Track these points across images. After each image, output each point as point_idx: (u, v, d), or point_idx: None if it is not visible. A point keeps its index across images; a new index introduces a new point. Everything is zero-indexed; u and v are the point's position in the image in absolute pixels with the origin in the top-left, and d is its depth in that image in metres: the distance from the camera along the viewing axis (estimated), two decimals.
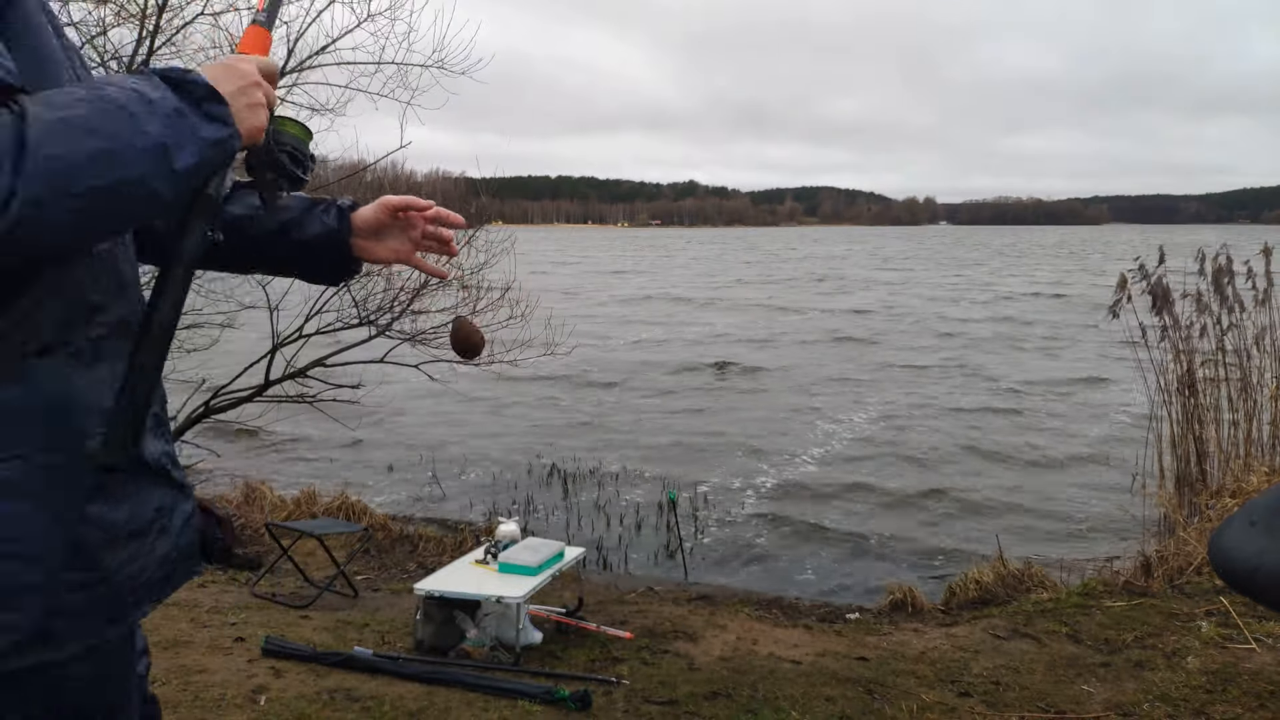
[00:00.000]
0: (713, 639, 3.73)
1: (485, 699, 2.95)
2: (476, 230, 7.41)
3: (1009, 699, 3.15)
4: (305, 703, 2.86)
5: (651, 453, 9.66)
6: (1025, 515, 7.56)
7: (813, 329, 21.26)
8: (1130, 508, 7.30)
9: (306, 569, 4.92)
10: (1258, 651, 3.47)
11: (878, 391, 13.27)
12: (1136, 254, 6.62)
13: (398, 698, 2.93)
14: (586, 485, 8.47)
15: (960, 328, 21.19)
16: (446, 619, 3.48)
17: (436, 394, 9.73)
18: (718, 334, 20.52)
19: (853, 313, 25.06)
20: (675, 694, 3.09)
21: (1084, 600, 4.27)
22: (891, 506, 7.80)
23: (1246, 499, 4.45)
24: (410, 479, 8.71)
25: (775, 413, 11.83)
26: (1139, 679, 3.29)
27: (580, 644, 3.60)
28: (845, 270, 47.30)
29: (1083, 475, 8.72)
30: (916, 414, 11.59)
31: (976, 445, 9.99)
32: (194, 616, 3.67)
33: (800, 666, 3.42)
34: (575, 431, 10.73)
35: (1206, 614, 3.87)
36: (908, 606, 4.75)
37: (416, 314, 7.22)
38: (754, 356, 16.94)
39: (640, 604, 4.41)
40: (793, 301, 28.89)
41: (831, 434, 10.54)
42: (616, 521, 7.38)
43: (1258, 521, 0.82)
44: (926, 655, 3.60)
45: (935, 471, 8.90)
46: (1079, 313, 23.57)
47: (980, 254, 68.97)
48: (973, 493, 8.24)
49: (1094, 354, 16.69)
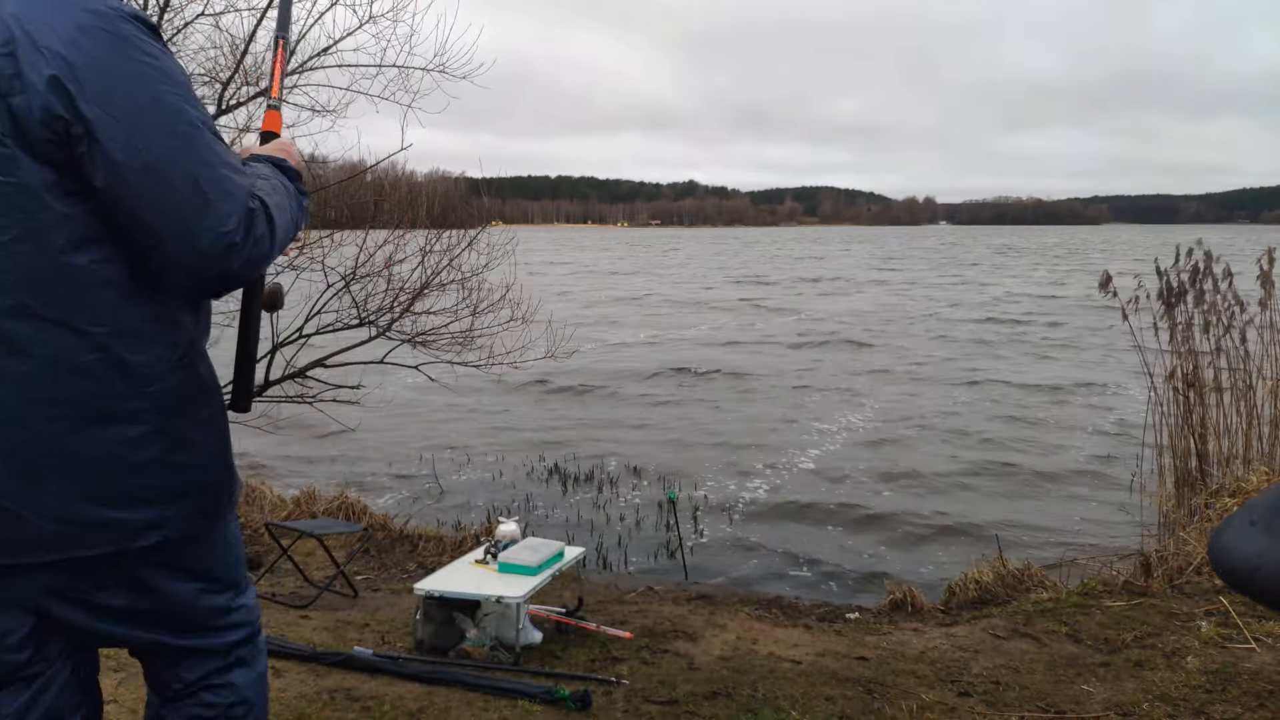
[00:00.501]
0: (713, 639, 3.73)
1: (485, 699, 2.96)
2: (479, 232, 7.42)
3: (1009, 699, 3.16)
4: (305, 702, 2.86)
5: (651, 453, 9.67)
6: (1025, 515, 7.56)
7: (810, 328, 21.27)
8: (1130, 508, 7.30)
9: (306, 569, 4.92)
10: (1257, 651, 3.47)
11: (876, 392, 13.28)
12: (1136, 254, 6.64)
13: (398, 698, 2.93)
14: (586, 485, 8.47)
15: (958, 328, 21.20)
16: (446, 619, 3.48)
17: (436, 394, 9.73)
18: (718, 334, 20.53)
19: (851, 312, 25.07)
20: (675, 694, 3.09)
21: (1084, 600, 4.27)
22: (890, 506, 7.80)
23: (1246, 499, 4.45)
24: (410, 479, 8.72)
25: (775, 413, 11.83)
26: (1139, 679, 3.29)
27: (580, 644, 3.61)
28: (843, 271, 47.32)
29: (1082, 475, 8.73)
30: (915, 414, 11.59)
31: (976, 445, 10.00)
32: None
33: (800, 666, 3.42)
34: (575, 431, 10.73)
35: (1206, 614, 3.87)
36: (907, 606, 4.75)
37: (416, 315, 7.22)
38: (753, 357, 16.95)
39: (640, 604, 4.41)
40: (789, 301, 28.91)
41: (830, 434, 10.54)
42: (616, 521, 7.38)
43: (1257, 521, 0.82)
44: (926, 655, 3.60)
45: (935, 471, 8.90)
46: (1079, 313, 23.58)
47: (978, 254, 68.99)
48: (972, 493, 8.25)
49: (1093, 354, 16.71)
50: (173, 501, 1.43)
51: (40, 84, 1.25)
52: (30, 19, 1.27)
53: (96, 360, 1.34)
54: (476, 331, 7.24)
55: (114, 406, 1.36)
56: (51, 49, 1.26)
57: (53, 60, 1.26)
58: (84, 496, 1.35)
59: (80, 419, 1.34)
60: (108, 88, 1.28)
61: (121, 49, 1.30)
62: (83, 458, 1.35)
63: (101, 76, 1.27)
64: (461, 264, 7.25)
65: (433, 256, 7.30)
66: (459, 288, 7.16)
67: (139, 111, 1.29)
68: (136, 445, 1.38)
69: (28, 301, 1.29)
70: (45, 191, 1.28)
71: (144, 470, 1.39)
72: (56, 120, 1.26)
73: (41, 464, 1.33)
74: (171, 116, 1.32)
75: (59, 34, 1.27)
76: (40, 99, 1.25)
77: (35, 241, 1.29)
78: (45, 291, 1.30)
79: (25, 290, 1.29)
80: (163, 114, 1.32)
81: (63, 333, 1.31)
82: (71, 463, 1.34)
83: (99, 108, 1.26)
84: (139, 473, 1.39)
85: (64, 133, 1.26)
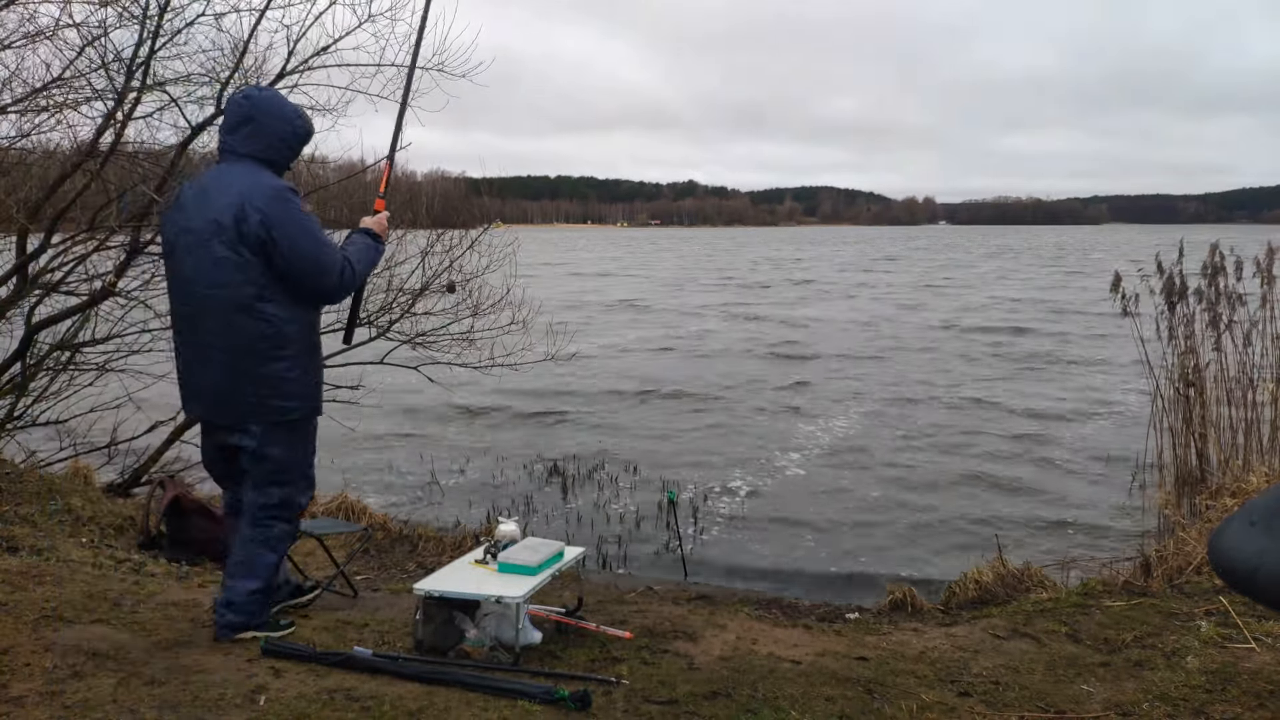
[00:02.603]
0: (712, 639, 3.73)
1: (485, 699, 2.95)
2: (482, 232, 7.41)
3: (1009, 699, 3.16)
4: (305, 703, 2.86)
5: (651, 453, 9.67)
6: (1025, 515, 7.56)
7: (808, 328, 21.27)
8: (1130, 507, 7.31)
9: (306, 569, 4.91)
10: (1257, 651, 3.47)
11: (876, 392, 13.28)
12: (1136, 254, 6.66)
13: (397, 698, 2.93)
14: (586, 485, 8.48)
15: (956, 326, 21.20)
16: (446, 619, 3.48)
17: (436, 395, 9.73)
18: (715, 334, 20.52)
19: (850, 312, 25.07)
20: (675, 694, 3.09)
21: (1084, 600, 4.27)
22: (890, 506, 7.80)
23: (1246, 499, 4.45)
24: (410, 479, 8.72)
25: (775, 413, 11.83)
26: (1138, 679, 3.29)
27: (580, 644, 3.60)
28: (841, 270, 47.30)
29: (1082, 475, 8.73)
30: (915, 415, 11.60)
31: (976, 445, 10.00)
32: (193, 616, 3.66)
33: (800, 666, 3.42)
34: (575, 432, 10.73)
35: (1206, 614, 3.87)
36: (907, 606, 4.75)
37: (416, 316, 7.22)
38: (753, 358, 16.94)
39: (640, 604, 4.40)
40: (786, 303, 28.90)
41: (831, 434, 10.55)
42: (616, 521, 7.38)
43: (1257, 522, 0.82)
44: (926, 655, 3.60)
45: (934, 471, 8.90)
46: (1080, 313, 23.59)
47: (976, 253, 68.98)
48: (972, 492, 8.25)
49: (1094, 354, 16.70)
50: (300, 399, 3.28)
51: (255, 220, 3.08)
52: (248, 191, 3.11)
53: (270, 329, 3.16)
54: (476, 333, 7.25)
55: (275, 349, 3.18)
56: (256, 204, 3.09)
57: (258, 209, 3.09)
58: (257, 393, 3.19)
59: (264, 357, 3.17)
60: (281, 222, 3.10)
61: (286, 204, 3.13)
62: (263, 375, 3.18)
63: (279, 217, 3.10)
64: (463, 265, 7.25)
65: (434, 257, 7.30)
66: (461, 288, 7.17)
67: (292, 232, 3.13)
68: (283, 369, 3.21)
69: (247, 305, 3.12)
70: (256, 264, 3.12)
71: (285, 382, 3.21)
72: (260, 236, 3.09)
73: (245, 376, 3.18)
74: (305, 232, 3.16)
75: (261, 197, 3.10)
76: (254, 227, 3.08)
77: (252, 284, 3.13)
78: (254, 302, 3.13)
79: (246, 300, 3.12)
80: (302, 232, 3.15)
81: (260, 319, 3.14)
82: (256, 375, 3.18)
83: (277, 231, 3.10)
84: (282, 384, 3.21)
85: (264, 240, 3.09)
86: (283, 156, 3.30)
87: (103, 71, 5.55)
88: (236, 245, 3.07)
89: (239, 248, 3.07)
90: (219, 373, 3.17)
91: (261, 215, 3.06)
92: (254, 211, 3.06)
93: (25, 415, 6.54)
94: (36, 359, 6.38)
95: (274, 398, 3.18)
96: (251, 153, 3.22)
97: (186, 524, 5.31)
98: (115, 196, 6.10)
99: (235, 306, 3.11)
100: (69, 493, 5.81)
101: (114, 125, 5.68)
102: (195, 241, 3.14)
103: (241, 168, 3.18)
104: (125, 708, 2.75)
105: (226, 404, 3.21)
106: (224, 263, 3.09)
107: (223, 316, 3.12)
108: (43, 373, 6.50)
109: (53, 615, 3.48)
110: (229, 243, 3.08)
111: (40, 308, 6.34)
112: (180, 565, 4.93)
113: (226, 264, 3.09)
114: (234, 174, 3.16)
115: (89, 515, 5.53)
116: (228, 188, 3.12)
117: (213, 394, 3.22)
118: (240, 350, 3.13)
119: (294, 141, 3.33)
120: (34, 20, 5.36)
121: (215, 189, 3.15)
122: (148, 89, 5.69)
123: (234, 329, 3.12)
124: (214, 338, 3.15)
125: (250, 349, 3.13)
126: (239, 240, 3.06)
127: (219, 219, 3.09)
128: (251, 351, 3.13)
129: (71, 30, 5.39)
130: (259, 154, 3.23)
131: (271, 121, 3.24)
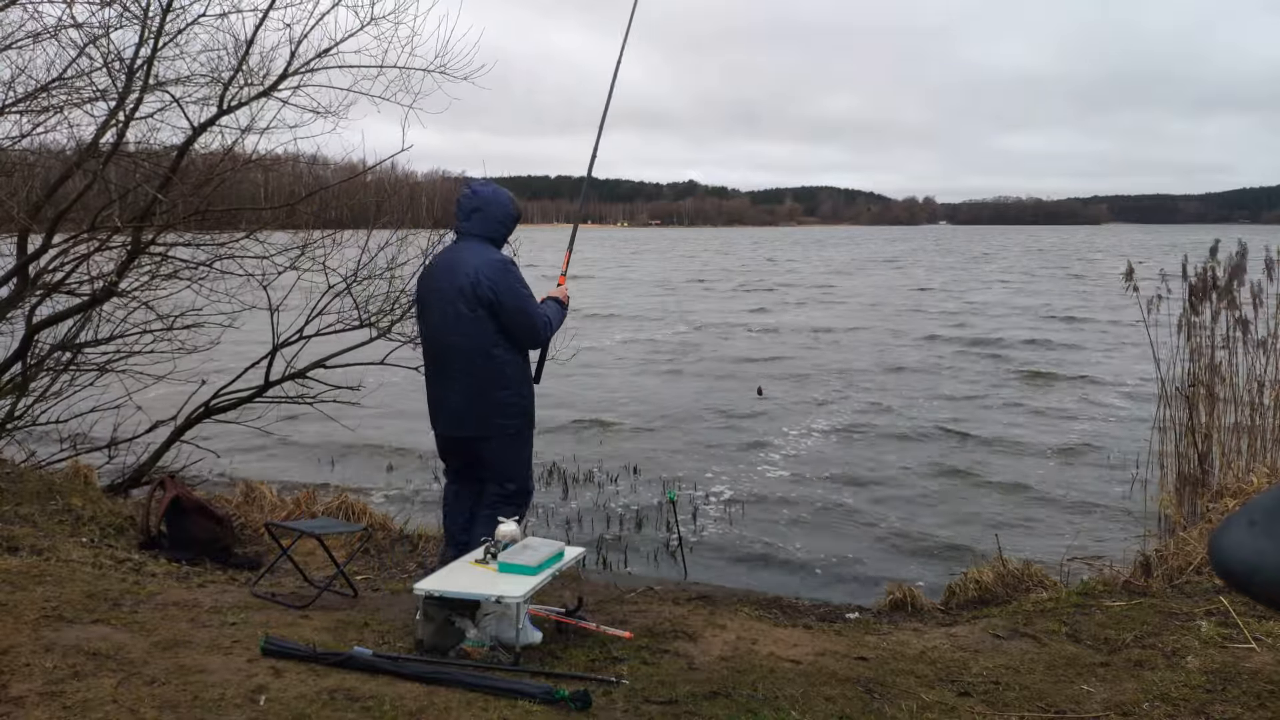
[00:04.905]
0: (712, 638, 3.73)
1: (485, 699, 2.95)
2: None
3: (1009, 698, 3.16)
4: (305, 703, 2.86)
5: (651, 453, 9.67)
6: (1025, 515, 7.56)
7: (805, 329, 21.27)
8: (1130, 507, 7.30)
9: (306, 569, 4.91)
10: (1257, 651, 3.47)
11: (875, 391, 13.28)
12: (1137, 254, 6.65)
13: (398, 698, 2.93)
14: (586, 485, 8.48)
15: (956, 325, 21.20)
16: (446, 619, 3.48)
17: None
18: (715, 334, 20.52)
19: (849, 312, 25.07)
20: (675, 694, 3.09)
21: (1084, 600, 4.27)
22: (890, 506, 7.80)
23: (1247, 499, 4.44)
24: (410, 479, 8.72)
25: (775, 412, 11.83)
26: (1139, 678, 3.29)
27: (580, 644, 3.61)
28: (841, 270, 47.29)
29: (1083, 475, 8.73)
30: (915, 414, 11.59)
31: (976, 445, 10.00)
32: (193, 616, 3.67)
33: (800, 666, 3.42)
34: (574, 432, 10.73)
35: (1206, 614, 3.87)
36: (907, 606, 4.75)
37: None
38: (755, 358, 16.94)
39: (640, 603, 4.40)
40: (781, 301, 28.90)
41: (831, 434, 10.55)
42: (616, 521, 7.38)
43: (1258, 522, 0.82)
44: (926, 655, 3.60)
45: (935, 471, 8.90)
46: (1080, 313, 23.58)
47: (975, 254, 68.97)
48: (972, 492, 8.24)
49: (1094, 354, 16.71)
50: (519, 417, 4.17)
51: (487, 287, 4.00)
52: (479, 266, 4.03)
53: (496, 367, 4.06)
54: None
55: (500, 381, 4.08)
56: (486, 274, 4.01)
57: (488, 279, 4.01)
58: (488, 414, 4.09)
59: (494, 388, 4.07)
60: (506, 289, 4.02)
61: (507, 274, 4.06)
62: (492, 401, 4.08)
63: (503, 285, 4.02)
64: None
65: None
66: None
67: (512, 297, 4.03)
68: (506, 396, 4.09)
69: (484, 351, 4.05)
70: (486, 319, 4.02)
71: (508, 406, 4.10)
72: (489, 298, 4.00)
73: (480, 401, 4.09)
74: (522, 298, 4.06)
75: (491, 270, 4.03)
76: (485, 291, 4.00)
77: (486, 335, 4.04)
78: (489, 348, 4.05)
79: (483, 346, 4.04)
80: (520, 297, 4.05)
81: (489, 359, 4.05)
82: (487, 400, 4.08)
83: (503, 296, 4.01)
84: (506, 407, 4.10)
85: (493, 302, 4.00)
86: (501, 234, 4.23)
87: (104, 71, 5.55)
88: (474, 306, 3.99)
89: (476, 308, 3.99)
90: (460, 399, 4.09)
91: (491, 283, 3.98)
92: (485, 280, 3.98)
93: (26, 415, 6.54)
94: (37, 359, 6.38)
95: (500, 417, 4.08)
96: (480, 233, 4.14)
97: (186, 524, 5.32)
98: (117, 197, 6.10)
99: (475, 351, 4.03)
100: (69, 493, 5.81)
101: (115, 125, 5.68)
102: (442, 300, 4.07)
103: (475, 245, 4.12)
104: (125, 708, 2.75)
105: (466, 422, 4.13)
106: (464, 318, 4.01)
107: (465, 358, 4.05)
108: (43, 373, 6.50)
109: (53, 615, 3.48)
110: (468, 303, 4.00)
111: (41, 308, 6.34)
112: (180, 565, 4.94)
113: (465, 319, 4.01)
114: (470, 250, 4.10)
115: (89, 515, 5.53)
116: (465, 262, 4.04)
117: (457, 415, 4.14)
118: (476, 383, 4.06)
119: (509, 223, 4.25)
120: (38, 19, 5.37)
121: (457, 261, 4.09)
122: (149, 89, 5.70)
123: (473, 367, 4.04)
124: (457, 373, 4.08)
125: (484, 382, 4.06)
126: (476, 302, 3.99)
127: (460, 285, 4.01)
128: (485, 384, 4.06)
129: (73, 30, 5.40)
130: (485, 234, 4.15)
131: (493, 209, 4.17)
